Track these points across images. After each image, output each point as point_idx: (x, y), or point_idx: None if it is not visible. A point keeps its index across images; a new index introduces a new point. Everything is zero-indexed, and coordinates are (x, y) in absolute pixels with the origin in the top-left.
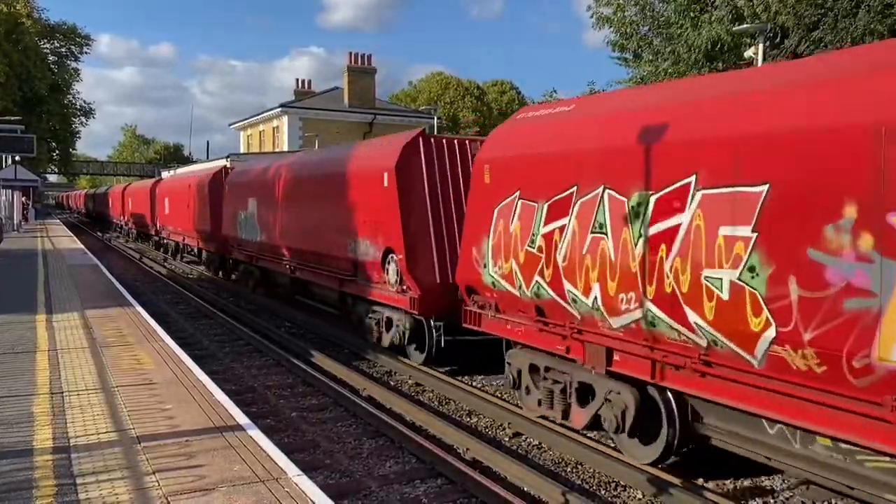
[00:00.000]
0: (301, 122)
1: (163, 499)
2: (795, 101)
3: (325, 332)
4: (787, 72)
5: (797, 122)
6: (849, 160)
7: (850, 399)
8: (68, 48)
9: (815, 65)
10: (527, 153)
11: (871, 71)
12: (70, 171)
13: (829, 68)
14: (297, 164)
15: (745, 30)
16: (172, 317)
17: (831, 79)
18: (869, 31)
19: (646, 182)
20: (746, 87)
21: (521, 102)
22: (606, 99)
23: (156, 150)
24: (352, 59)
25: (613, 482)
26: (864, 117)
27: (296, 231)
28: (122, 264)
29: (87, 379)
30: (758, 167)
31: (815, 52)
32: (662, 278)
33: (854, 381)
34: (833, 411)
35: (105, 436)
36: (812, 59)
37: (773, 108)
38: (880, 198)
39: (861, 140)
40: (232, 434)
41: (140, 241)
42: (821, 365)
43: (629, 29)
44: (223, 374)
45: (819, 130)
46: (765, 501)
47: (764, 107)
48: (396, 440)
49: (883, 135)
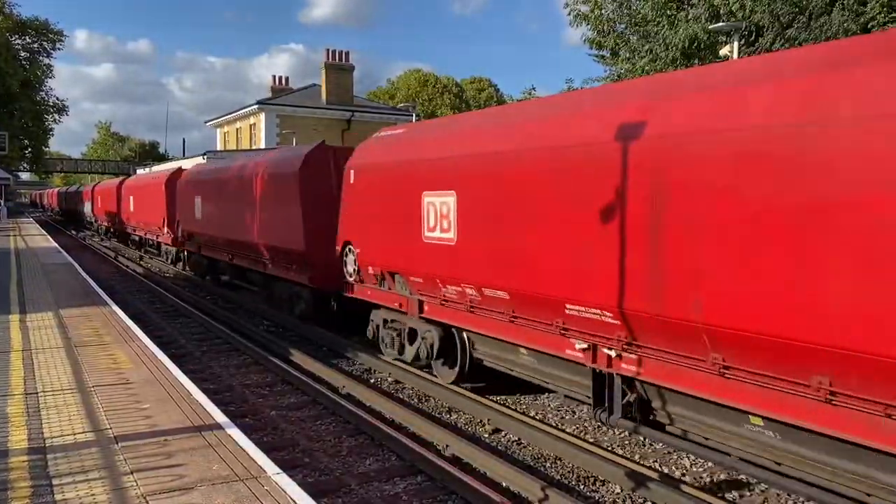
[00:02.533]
0: (278, 120)
1: (141, 499)
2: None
3: (304, 330)
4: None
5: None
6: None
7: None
8: (40, 44)
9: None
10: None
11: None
12: (43, 168)
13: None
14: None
15: (720, 28)
16: (149, 316)
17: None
18: (843, 29)
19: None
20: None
21: (498, 99)
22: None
23: (131, 147)
24: (329, 55)
25: (592, 477)
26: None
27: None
28: (96, 262)
29: (63, 379)
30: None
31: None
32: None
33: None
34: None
35: (82, 436)
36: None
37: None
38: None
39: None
40: (210, 433)
41: (112, 238)
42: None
43: (606, 26)
44: (201, 373)
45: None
46: (741, 494)
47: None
48: (376, 438)
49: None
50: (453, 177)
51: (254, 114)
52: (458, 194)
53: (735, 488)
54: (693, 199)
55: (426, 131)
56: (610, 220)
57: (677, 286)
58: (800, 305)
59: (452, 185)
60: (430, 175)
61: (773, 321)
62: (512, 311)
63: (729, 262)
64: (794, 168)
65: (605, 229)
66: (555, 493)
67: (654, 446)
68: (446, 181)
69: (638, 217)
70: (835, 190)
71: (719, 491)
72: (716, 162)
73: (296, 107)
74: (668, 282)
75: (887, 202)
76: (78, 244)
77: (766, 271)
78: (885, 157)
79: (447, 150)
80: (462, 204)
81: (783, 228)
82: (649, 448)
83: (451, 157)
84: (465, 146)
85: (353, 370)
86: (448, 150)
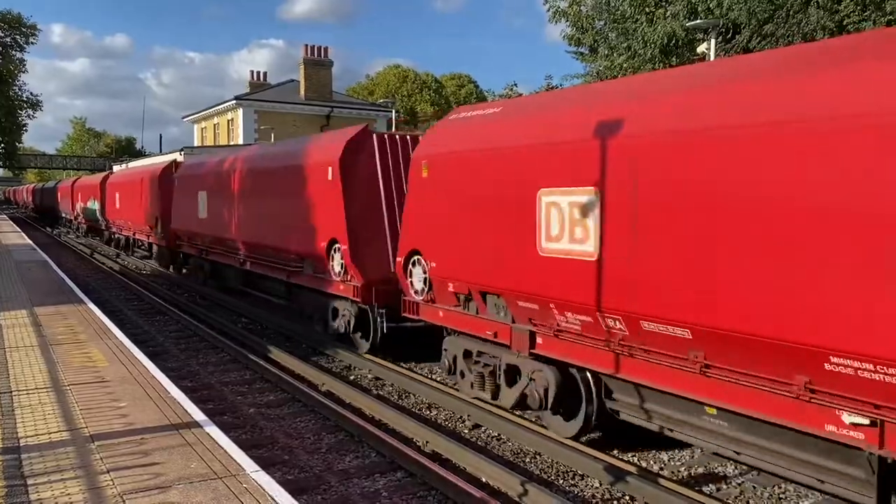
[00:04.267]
0: (256, 115)
1: (118, 498)
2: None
3: (283, 327)
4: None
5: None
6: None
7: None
8: (13, 38)
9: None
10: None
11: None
12: (16, 164)
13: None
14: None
15: (697, 25)
16: (126, 314)
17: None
18: (821, 26)
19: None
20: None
21: (479, 96)
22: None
23: (107, 143)
24: (308, 51)
25: (571, 471)
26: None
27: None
28: (72, 260)
29: (38, 378)
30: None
31: (766, 47)
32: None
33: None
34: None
35: (57, 435)
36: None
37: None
38: None
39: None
40: (188, 431)
41: (90, 236)
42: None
43: (585, 23)
44: (179, 370)
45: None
46: (718, 487)
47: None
48: (356, 435)
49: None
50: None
51: (231, 109)
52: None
53: (712, 481)
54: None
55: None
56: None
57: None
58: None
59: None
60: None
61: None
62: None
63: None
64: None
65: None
66: (534, 489)
67: (632, 441)
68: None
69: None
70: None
71: (696, 484)
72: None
73: (274, 102)
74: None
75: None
76: (54, 241)
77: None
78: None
79: (580, 130)
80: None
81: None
82: (627, 443)
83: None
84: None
85: (332, 367)
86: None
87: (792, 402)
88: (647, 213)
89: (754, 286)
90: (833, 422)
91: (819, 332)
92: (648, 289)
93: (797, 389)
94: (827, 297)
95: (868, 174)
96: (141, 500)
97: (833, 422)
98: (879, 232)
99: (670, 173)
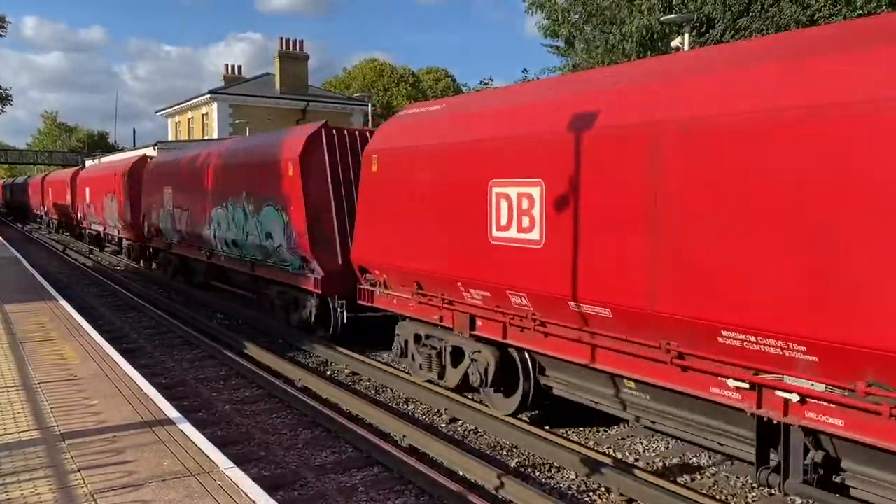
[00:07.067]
0: (231, 109)
1: (89, 497)
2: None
3: (260, 322)
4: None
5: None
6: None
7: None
8: None
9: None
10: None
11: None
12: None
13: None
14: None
15: (672, 20)
16: (99, 310)
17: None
18: (795, 20)
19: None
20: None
21: (456, 90)
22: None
23: (79, 137)
24: (283, 44)
25: (547, 464)
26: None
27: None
28: (44, 256)
29: (7, 375)
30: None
31: (739, 40)
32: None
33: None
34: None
35: (26, 434)
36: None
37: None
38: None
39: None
40: (162, 429)
41: (62, 231)
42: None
43: (561, 16)
44: (153, 367)
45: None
46: (692, 477)
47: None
48: (332, 430)
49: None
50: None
51: (206, 103)
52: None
53: (686, 472)
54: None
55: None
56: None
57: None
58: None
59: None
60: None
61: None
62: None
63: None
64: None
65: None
66: (511, 481)
67: (608, 432)
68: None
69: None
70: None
71: (671, 475)
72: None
73: (248, 96)
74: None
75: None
76: (24, 237)
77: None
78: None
79: (529, 124)
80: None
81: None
82: (603, 434)
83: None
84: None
85: (309, 363)
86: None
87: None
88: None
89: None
90: (720, 386)
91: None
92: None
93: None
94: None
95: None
96: (112, 499)
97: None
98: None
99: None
